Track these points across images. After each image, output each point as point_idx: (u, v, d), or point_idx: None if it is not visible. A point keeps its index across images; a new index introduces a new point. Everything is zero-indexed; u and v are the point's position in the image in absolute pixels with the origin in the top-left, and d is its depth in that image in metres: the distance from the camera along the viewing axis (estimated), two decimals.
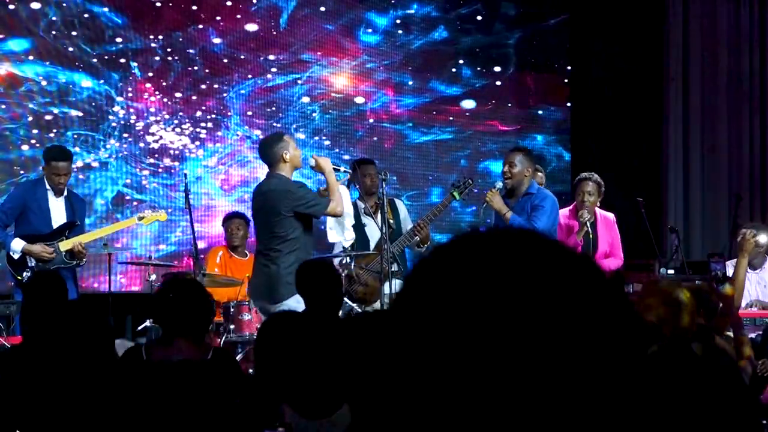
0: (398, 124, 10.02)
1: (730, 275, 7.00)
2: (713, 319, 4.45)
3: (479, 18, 10.39)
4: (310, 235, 6.24)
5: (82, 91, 8.61)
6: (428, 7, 10.19)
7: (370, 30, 9.92)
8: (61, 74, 8.51)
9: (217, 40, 9.21)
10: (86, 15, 8.62)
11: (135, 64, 8.85)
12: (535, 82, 10.63)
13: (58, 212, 7.01)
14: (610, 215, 7.24)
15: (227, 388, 3.79)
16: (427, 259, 0.89)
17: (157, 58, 8.93)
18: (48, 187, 7.00)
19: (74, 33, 8.57)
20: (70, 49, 8.54)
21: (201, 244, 8.01)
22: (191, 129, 9.07)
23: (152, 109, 8.93)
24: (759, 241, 7.16)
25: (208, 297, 4.09)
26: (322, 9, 9.65)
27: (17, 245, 6.82)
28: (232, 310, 6.86)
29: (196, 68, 9.10)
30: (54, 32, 8.49)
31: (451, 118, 10.27)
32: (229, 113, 9.25)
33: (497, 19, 10.48)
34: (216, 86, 9.19)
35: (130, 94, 8.84)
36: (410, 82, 10.08)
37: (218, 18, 9.21)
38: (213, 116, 9.18)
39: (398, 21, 10.07)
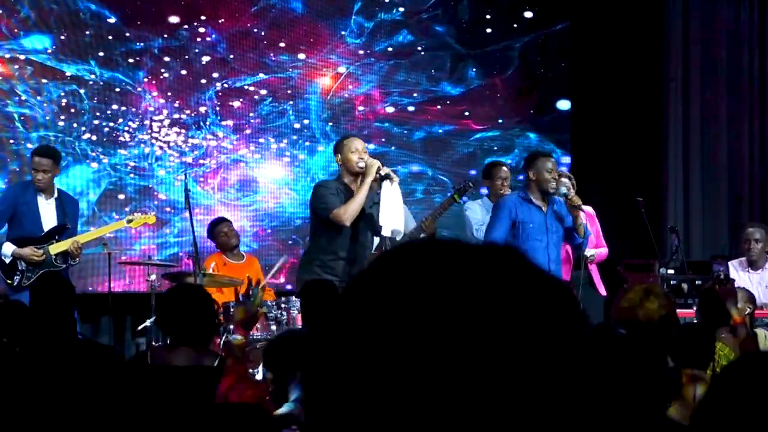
0: (395, 124, 10.00)
1: (733, 277, 6.99)
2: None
3: (474, 20, 10.38)
4: (335, 239, 6.26)
5: (76, 90, 8.59)
6: (425, 7, 10.18)
7: (367, 31, 9.91)
8: (51, 73, 8.49)
9: (209, 41, 9.19)
10: (81, 13, 8.60)
11: (124, 63, 8.84)
12: (535, 82, 10.62)
13: (48, 215, 6.96)
14: (589, 208, 7.28)
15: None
16: (373, 266, 0.88)
17: (150, 58, 8.91)
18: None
19: (66, 31, 8.54)
20: (57, 46, 8.51)
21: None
22: (183, 130, 9.05)
23: (151, 109, 8.91)
24: None
25: (212, 304, 4.08)
26: (315, 10, 9.65)
27: (7, 249, 6.80)
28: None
29: (187, 68, 9.08)
30: (44, 29, 8.47)
31: (451, 118, 10.26)
32: (220, 113, 9.23)
33: (498, 20, 10.47)
34: (210, 86, 9.17)
35: (125, 94, 8.81)
36: (407, 82, 10.06)
37: (208, 19, 9.19)
38: (202, 117, 9.15)
39: (394, 22, 10.05)
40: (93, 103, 8.62)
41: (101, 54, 8.66)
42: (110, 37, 8.71)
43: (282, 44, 9.48)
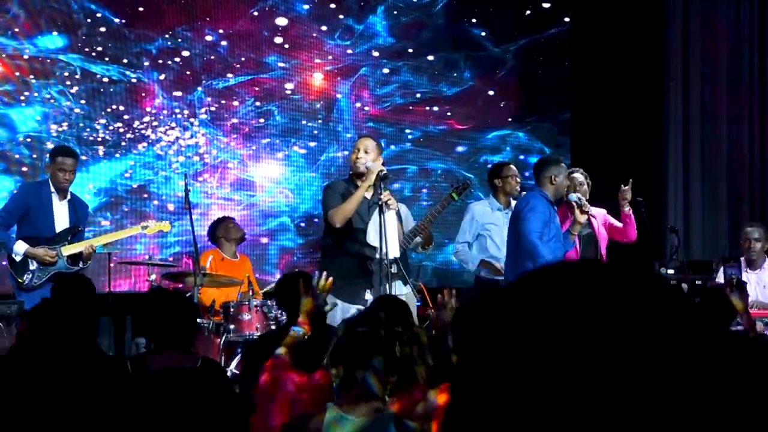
0: (390, 124, 10.00)
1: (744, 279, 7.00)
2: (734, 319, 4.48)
3: (473, 21, 10.39)
4: (340, 239, 6.34)
5: (74, 90, 8.59)
6: (422, 6, 10.19)
7: (367, 32, 9.92)
8: (51, 72, 8.49)
9: (208, 41, 9.20)
10: (78, 13, 8.60)
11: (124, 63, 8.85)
12: (535, 82, 10.62)
13: (61, 216, 6.99)
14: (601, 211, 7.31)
15: (214, 397, 3.79)
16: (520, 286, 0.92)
17: (149, 58, 8.91)
18: (53, 189, 6.98)
19: (63, 30, 8.55)
20: (55, 46, 8.50)
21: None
22: (182, 129, 9.05)
23: (148, 109, 8.92)
24: None
25: (192, 306, 4.09)
26: (314, 11, 9.67)
27: (20, 247, 6.80)
28: (232, 310, 6.86)
29: (186, 68, 9.08)
30: (42, 29, 8.47)
31: (450, 118, 10.27)
32: (219, 113, 9.24)
33: (498, 20, 10.48)
34: (209, 87, 9.18)
35: (123, 94, 8.82)
36: (403, 82, 10.07)
37: (207, 19, 9.20)
38: (200, 117, 9.16)
39: (391, 23, 10.06)
40: (90, 103, 8.62)
41: (100, 54, 8.65)
42: (109, 37, 8.70)
43: (280, 45, 9.49)
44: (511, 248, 6.66)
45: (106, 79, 8.68)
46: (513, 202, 7.64)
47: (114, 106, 8.72)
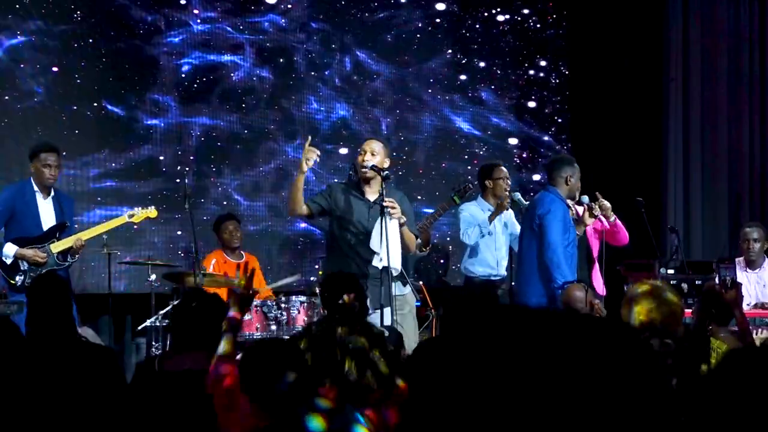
0: (387, 124, 9.99)
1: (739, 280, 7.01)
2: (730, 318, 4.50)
3: (472, 19, 10.38)
4: (335, 242, 6.31)
5: (71, 87, 8.60)
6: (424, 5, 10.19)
7: (360, 31, 9.93)
8: (43, 67, 8.49)
9: (210, 32, 9.21)
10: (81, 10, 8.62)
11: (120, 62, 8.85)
12: (534, 83, 10.61)
13: (47, 213, 6.96)
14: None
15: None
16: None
17: (153, 47, 8.91)
18: (36, 188, 6.93)
19: (66, 29, 8.56)
20: (58, 45, 8.51)
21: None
22: (181, 129, 9.05)
23: (148, 109, 8.92)
24: None
25: (225, 309, 4.07)
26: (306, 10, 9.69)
27: (9, 250, 6.79)
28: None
29: (185, 64, 9.09)
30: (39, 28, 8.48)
31: (451, 117, 10.26)
32: (218, 113, 9.25)
33: (497, 20, 10.47)
34: (209, 86, 9.19)
35: (120, 92, 8.82)
36: (405, 81, 10.07)
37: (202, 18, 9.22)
38: (199, 116, 9.16)
39: (390, 21, 10.07)
40: (88, 102, 8.63)
41: (97, 50, 8.65)
42: (110, 25, 8.68)
43: (279, 45, 9.50)
44: (529, 252, 6.49)
45: (103, 76, 8.68)
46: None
47: (112, 107, 8.71)
